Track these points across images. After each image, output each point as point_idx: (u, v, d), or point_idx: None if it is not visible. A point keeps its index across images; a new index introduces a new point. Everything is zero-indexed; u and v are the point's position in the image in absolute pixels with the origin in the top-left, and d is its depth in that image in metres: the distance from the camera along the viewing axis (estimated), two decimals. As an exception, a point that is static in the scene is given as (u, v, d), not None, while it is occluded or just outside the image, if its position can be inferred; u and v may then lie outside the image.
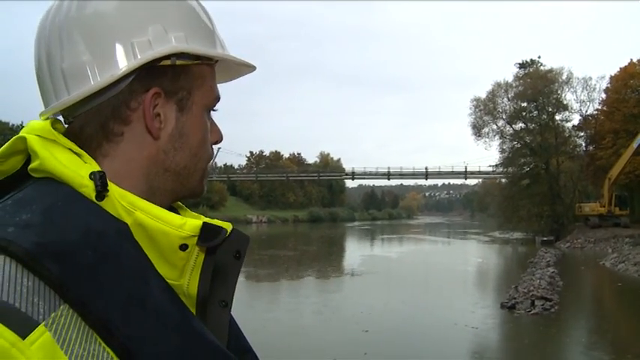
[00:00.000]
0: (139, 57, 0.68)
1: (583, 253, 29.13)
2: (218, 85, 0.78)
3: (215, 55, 0.75)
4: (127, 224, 0.64)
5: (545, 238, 36.03)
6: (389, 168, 75.03)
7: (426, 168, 71.37)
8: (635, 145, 32.12)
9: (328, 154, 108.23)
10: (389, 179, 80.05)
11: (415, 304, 14.15)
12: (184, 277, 0.66)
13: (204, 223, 0.67)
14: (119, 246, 0.62)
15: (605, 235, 31.04)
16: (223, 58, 0.76)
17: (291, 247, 34.43)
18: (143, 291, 0.61)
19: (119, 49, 0.68)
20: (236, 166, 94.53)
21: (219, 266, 0.69)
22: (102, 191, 0.64)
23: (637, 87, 38.02)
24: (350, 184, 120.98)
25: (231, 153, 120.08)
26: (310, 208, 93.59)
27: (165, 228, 0.65)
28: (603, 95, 41.29)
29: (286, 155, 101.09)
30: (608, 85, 40.60)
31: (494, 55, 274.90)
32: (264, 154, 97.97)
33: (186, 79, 0.72)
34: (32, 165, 0.67)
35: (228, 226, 0.70)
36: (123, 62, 0.68)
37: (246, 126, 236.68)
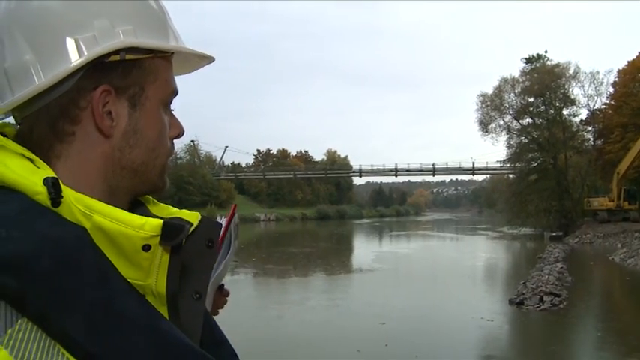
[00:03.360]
0: (85, 54, 0.65)
1: (592, 248, 29.05)
2: (177, 78, 0.77)
3: (168, 47, 0.73)
4: (85, 229, 0.62)
5: (553, 234, 35.76)
6: (396, 165, 74.93)
7: (434, 164, 71.29)
8: (643, 139, 31.95)
9: (335, 152, 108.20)
10: (396, 176, 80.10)
11: (426, 298, 14.28)
12: (151, 277, 0.65)
13: (165, 222, 0.64)
14: (78, 252, 0.60)
15: (614, 230, 30.91)
16: (177, 51, 0.75)
17: (300, 245, 34.51)
18: (106, 295, 0.60)
19: (62, 47, 0.65)
20: (243, 165, 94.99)
21: (190, 258, 0.68)
22: (56, 198, 0.61)
23: (645, 80, 37.76)
24: (357, 181, 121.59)
25: (238, 152, 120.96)
26: (318, 205, 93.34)
27: (126, 230, 0.63)
28: (611, 89, 41.12)
29: (293, 153, 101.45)
30: (616, 78, 40.41)
31: (501, 51, 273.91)
32: (271, 152, 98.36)
33: (138, 74, 0.70)
34: None
35: (195, 217, 0.69)
36: (67, 60, 0.65)
37: (254, 125, 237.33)
